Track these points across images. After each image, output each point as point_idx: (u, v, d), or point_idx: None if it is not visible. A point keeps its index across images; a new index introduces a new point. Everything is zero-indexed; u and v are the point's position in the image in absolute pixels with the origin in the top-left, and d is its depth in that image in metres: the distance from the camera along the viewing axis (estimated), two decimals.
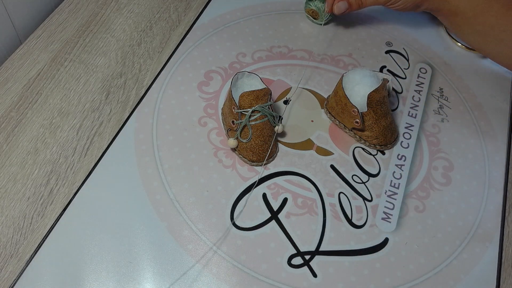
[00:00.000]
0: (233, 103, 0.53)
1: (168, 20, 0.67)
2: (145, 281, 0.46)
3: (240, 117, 0.53)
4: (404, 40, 0.69)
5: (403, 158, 0.57)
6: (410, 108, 0.62)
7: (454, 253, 0.51)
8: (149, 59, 0.63)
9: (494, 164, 0.59)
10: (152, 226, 0.50)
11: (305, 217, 0.52)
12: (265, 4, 0.70)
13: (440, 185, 0.56)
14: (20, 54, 0.61)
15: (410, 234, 0.52)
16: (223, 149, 0.55)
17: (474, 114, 0.63)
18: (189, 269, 0.48)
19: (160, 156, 0.54)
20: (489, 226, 0.54)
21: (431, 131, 0.60)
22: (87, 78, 0.60)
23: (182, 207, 0.51)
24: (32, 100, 0.57)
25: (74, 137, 0.55)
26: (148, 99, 0.59)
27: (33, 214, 0.49)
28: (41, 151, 0.54)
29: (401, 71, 0.65)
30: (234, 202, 0.52)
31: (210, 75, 0.62)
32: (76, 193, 0.51)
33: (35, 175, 0.52)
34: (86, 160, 0.53)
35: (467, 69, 0.67)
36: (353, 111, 0.55)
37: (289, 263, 0.49)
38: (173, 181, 0.53)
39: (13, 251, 0.47)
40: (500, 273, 0.51)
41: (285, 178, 0.54)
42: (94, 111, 0.57)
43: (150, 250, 0.48)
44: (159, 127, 0.56)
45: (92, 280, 0.46)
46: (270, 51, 0.65)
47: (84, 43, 0.63)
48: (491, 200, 0.56)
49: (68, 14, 0.66)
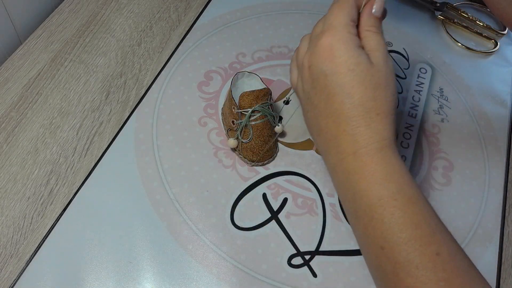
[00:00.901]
0: (233, 103, 0.53)
1: (168, 20, 0.67)
2: (145, 281, 0.46)
3: (240, 117, 0.53)
4: (404, 40, 0.69)
5: (403, 158, 0.57)
6: (410, 108, 0.62)
7: None
8: (149, 59, 0.63)
9: (494, 164, 0.59)
10: (152, 226, 0.50)
11: (305, 217, 0.52)
12: (265, 4, 0.70)
13: (440, 185, 0.56)
14: (20, 54, 0.61)
15: None
16: (223, 149, 0.55)
17: (474, 114, 0.63)
18: (189, 269, 0.48)
19: (160, 156, 0.54)
20: (489, 226, 0.54)
21: (431, 131, 0.60)
22: (87, 78, 0.60)
23: (182, 207, 0.51)
24: (32, 100, 0.57)
25: (74, 137, 0.55)
26: (148, 99, 0.59)
27: (33, 214, 0.49)
28: (41, 151, 0.54)
29: (401, 71, 0.65)
30: (234, 202, 0.52)
31: (210, 75, 0.62)
32: (76, 193, 0.51)
33: (35, 175, 0.52)
34: (86, 160, 0.53)
35: (467, 69, 0.67)
36: None
37: (289, 263, 0.49)
38: (173, 181, 0.53)
39: (13, 251, 0.47)
40: (500, 273, 0.51)
41: (285, 178, 0.54)
42: (94, 111, 0.57)
43: (150, 250, 0.48)
44: (159, 127, 0.56)
45: (92, 280, 0.46)
46: (270, 51, 0.65)
47: (84, 43, 0.63)
48: (491, 200, 0.56)
49: (68, 14, 0.66)
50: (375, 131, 0.40)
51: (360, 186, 0.39)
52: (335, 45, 0.40)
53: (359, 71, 0.40)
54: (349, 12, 0.41)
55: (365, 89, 0.40)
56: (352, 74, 0.40)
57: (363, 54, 0.41)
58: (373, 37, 0.42)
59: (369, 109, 0.40)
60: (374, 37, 0.42)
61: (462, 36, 0.71)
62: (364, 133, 0.40)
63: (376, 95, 0.40)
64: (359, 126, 0.40)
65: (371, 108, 0.40)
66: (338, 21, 0.41)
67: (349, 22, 0.41)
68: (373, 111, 0.40)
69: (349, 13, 0.41)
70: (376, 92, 0.40)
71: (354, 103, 0.40)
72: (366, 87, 0.40)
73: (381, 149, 0.39)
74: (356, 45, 0.41)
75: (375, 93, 0.40)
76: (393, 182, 0.39)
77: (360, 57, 0.40)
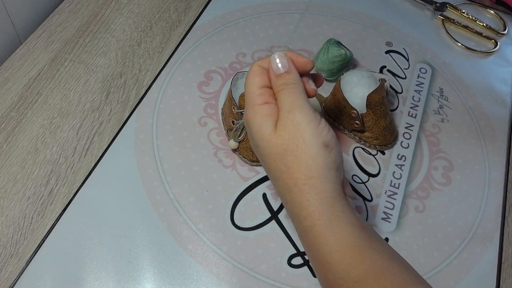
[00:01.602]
0: (233, 103, 0.53)
1: (168, 20, 0.67)
2: (145, 281, 0.46)
3: (240, 117, 0.53)
4: (404, 40, 0.69)
5: (403, 158, 0.57)
6: (410, 108, 0.62)
7: (454, 253, 0.51)
8: (149, 59, 0.63)
9: (494, 164, 0.59)
10: (152, 226, 0.50)
11: None
12: (265, 4, 0.70)
13: (440, 185, 0.56)
14: (20, 54, 0.61)
15: (410, 234, 0.52)
16: (223, 149, 0.55)
17: (474, 114, 0.63)
18: (189, 269, 0.48)
19: (160, 156, 0.54)
20: (489, 226, 0.54)
21: (431, 131, 0.60)
22: (87, 78, 0.60)
23: (182, 207, 0.51)
24: (32, 100, 0.57)
25: (74, 137, 0.55)
26: (148, 99, 0.59)
27: (33, 214, 0.49)
28: (41, 151, 0.54)
29: (401, 71, 0.65)
30: (234, 202, 0.52)
31: (210, 75, 0.62)
32: (76, 193, 0.51)
33: (35, 175, 0.52)
34: (86, 160, 0.53)
35: (467, 69, 0.67)
36: (353, 113, 0.55)
37: (289, 263, 0.49)
38: (173, 181, 0.53)
39: (13, 251, 0.47)
40: (500, 273, 0.51)
41: None
42: (94, 111, 0.57)
43: (150, 250, 0.48)
44: (159, 127, 0.56)
45: (92, 280, 0.46)
46: (270, 51, 0.65)
47: (84, 43, 0.63)
48: (491, 200, 0.56)
49: (68, 14, 0.66)
50: (300, 207, 0.36)
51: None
52: (250, 121, 0.39)
53: (263, 146, 0.38)
54: (256, 81, 0.39)
55: (274, 162, 0.37)
56: (260, 149, 0.38)
57: (265, 124, 0.37)
58: (282, 97, 0.38)
59: (285, 180, 0.37)
60: (283, 96, 0.38)
61: (462, 36, 0.71)
62: (294, 211, 0.37)
63: (287, 164, 0.37)
64: (286, 202, 0.38)
65: (286, 179, 0.37)
66: (248, 93, 0.39)
67: (256, 91, 0.39)
68: (289, 182, 0.37)
69: (257, 82, 0.39)
70: (285, 160, 0.37)
71: (273, 177, 0.38)
72: (274, 159, 0.37)
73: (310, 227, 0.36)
74: (263, 115, 0.38)
75: (285, 162, 0.37)
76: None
77: (262, 129, 0.37)
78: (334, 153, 0.37)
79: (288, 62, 0.39)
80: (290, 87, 0.38)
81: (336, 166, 0.37)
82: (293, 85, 0.38)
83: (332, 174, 0.37)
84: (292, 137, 0.36)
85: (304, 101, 0.38)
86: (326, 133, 0.37)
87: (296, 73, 0.39)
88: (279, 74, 0.39)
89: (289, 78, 0.38)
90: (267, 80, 0.39)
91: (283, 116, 0.37)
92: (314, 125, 0.37)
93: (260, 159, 0.40)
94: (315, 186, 0.36)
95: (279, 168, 0.37)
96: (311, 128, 0.36)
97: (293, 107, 0.37)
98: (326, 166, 0.36)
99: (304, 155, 0.36)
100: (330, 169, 0.36)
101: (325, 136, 0.37)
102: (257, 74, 0.39)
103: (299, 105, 0.37)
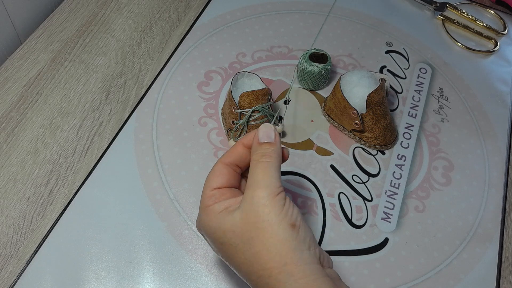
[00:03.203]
0: (233, 103, 0.53)
1: (168, 20, 0.67)
2: (145, 281, 0.46)
3: (240, 117, 0.53)
4: (404, 40, 0.69)
5: (403, 158, 0.57)
6: (410, 108, 0.62)
7: (454, 253, 0.51)
8: (149, 59, 0.63)
9: (494, 164, 0.59)
10: (152, 226, 0.50)
11: (305, 217, 0.52)
12: (265, 4, 0.70)
13: (440, 185, 0.56)
14: (20, 54, 0.61)
15: (410, 234, 0.52)
16: (223, 149, 0.55)
17: (474, 114, 0.63)
18: (189, 269, 0.48)
19: (160, 156, 0.54)
20: (489, 226, 0.54)
21: (431, 131, 0.60)
22: (87, 78, 0.60)
23: (182, 207, 0.51)
24: (32, 100, 0.57)
25: (74, 137, 0.55)
26: (148, 99, 0.59)
27: (33, 214, 0.49)
28: (41, 151, 0.54)
29: (401, 71, 0.65)
30: None
31: (210, 75, 0.62)
32: (76, 193, 0.51)
33: (35, 175, 0.52)
34: (86, 160, 0.53)
35: (467, 69, 0.67)
36: (353, 113, 0.55)
37: None
38: (173, 181, 0.53)
39: (13, 251, 0.47)
40: (500, 273, 0.51)
41: (285, 178, 0.54)
42: (94, 111, 0.57)
43: (150, 250, 0.48)
44: (159, 127, 0.56)
45: (92, 280, 0.46)
46: (270, 51, 0.65)
47: (84, 43, 0.63)
48: (491, 200, 0.56)
49: (68, 14, 0.66)
50: None
51: None
52: (205, 226, 0.38)
53: (229, 237, 0.36)
54: (211, 183, 0.39)
55: (243, 254, 0.36)
56: (226, 247, 0.37)
57: (223, 219, 0.37)
58: (257, 170, 0.37)
59: (258, 273, 0.35)
60: (257, 170, 0.37)
61: (462, 36, 0.71)
62: None
63: (257, 254, 0.35)
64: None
65: (259, 271, 0.35)
66: (201, 195, 0.39)
67: (208, 193, 0.39)
68: (263, 273, 0.35)
69: (213, 183, 0.39)
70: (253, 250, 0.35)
71: (245, 272, 0.37)
72: (243, 252, 0.36)
73: None
74: (217, 212, 0.37)
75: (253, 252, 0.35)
76: None
77: (222, 225, 0.37)
78: (302, 231, 0.36)
79: (275, 135, 0.39)
80: (267, 160, 0.38)
81: (308, 245, 0.36)
82: (270, 159, 0.38)
83: (305, 254, 0.35)
84: (256, 221, 0.35)
85: (275, 179, 0.37)
86: (291, 213, 0.36)
87: (278, 147, 0.39)
88: (263, 142, 0.38)
89: (271, 150, 0.38)
90: (225, 181, 0.39)
91: (247, 196, 0.36)
92: (279, 206, 0.36)
93: (230, 260, 0.38)
94: (291, 273, 0.34)
95: (249, 260, 0.36)
96: (276, 210, 0.35)
97: (259, 186, 0.36)
98: (297, 247, 0.35)
99: (272, 239, 0.35)
100: (302, 251, 0.35)
101: (290, 216, 0.36)
102: (216, 174, 0.39)
103: (266, 184, 0.36)
